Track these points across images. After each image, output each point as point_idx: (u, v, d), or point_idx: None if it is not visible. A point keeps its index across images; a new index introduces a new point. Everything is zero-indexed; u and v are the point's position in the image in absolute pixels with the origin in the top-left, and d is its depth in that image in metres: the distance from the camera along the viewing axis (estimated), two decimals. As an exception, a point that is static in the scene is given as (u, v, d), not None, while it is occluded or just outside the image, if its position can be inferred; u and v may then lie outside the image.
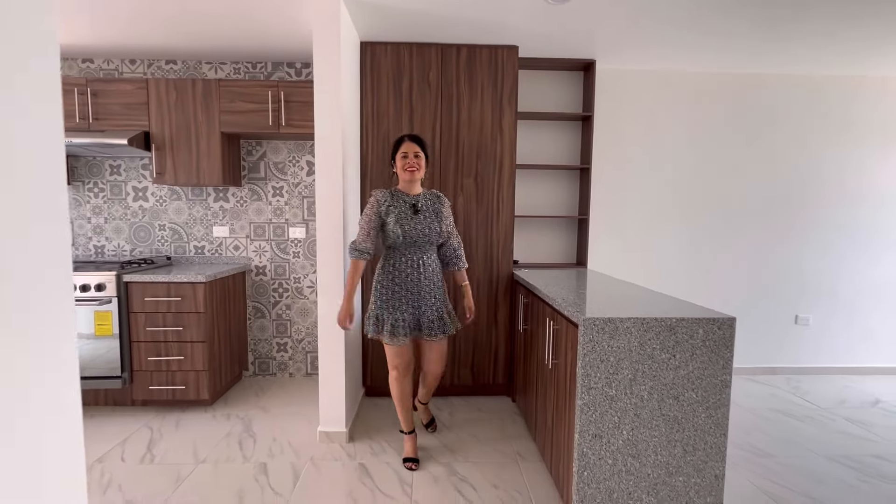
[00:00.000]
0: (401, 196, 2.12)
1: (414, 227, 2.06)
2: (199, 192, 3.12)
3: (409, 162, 2.08)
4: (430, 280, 2.13)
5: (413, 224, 2.06)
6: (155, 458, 2.20)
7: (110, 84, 2.72)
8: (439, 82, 2.75)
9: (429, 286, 2.12)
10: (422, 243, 2.09)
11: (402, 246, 2.09)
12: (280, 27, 2.51)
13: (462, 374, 2.92)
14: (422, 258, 2.10)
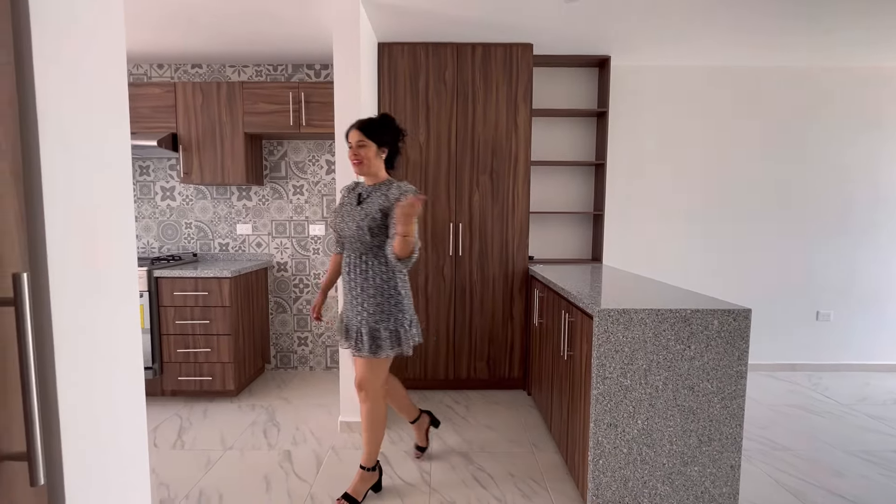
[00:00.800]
0: (357, 188, 1.88)
1: (342, 221, 1.80)
2: (223, 191, 3.23)
3: (351, 153, 1.78)
4: (359, 286, 1.78)
5: (342, 217, 1.81)
6: (185, 444, 2.31)
7: (140, 88, 2.84)
8: (455, 81, 2.80)
9: (358, 292, 1.79)
10: (351, 240, 1.77)
11: (342, 243, 1.86)
12: (301, 30, 2.60)
13: (478, 367, 2.97)
14: (350, 257, 1.80)
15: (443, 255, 2.90)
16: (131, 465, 0.65)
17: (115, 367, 0.62)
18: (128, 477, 0.65)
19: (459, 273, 2.91)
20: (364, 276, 1.77)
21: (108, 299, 0.60)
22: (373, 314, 1.77)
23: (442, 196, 2.86)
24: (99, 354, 0.58)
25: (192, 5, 2.29)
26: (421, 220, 2.86)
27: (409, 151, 2.82)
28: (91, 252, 0.56)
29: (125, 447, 0.64)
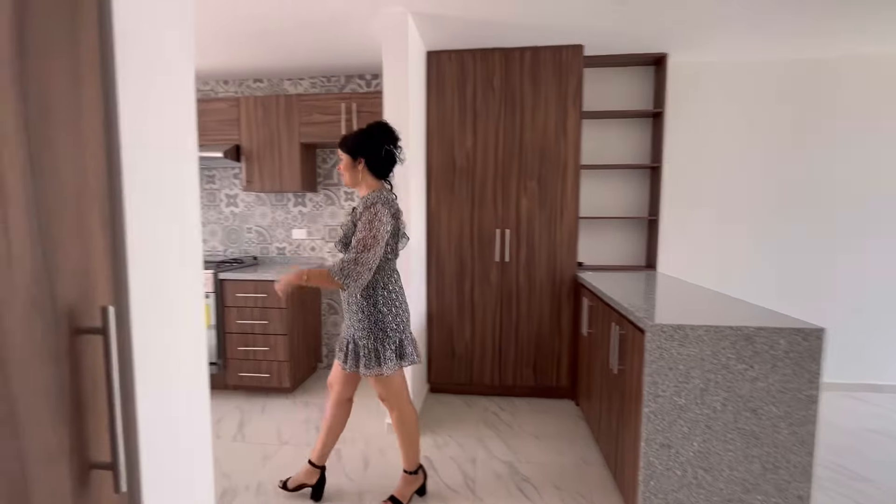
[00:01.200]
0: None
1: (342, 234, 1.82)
2: (280, 198, 3.41)
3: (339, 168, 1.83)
4: (345, 300, 1.81)
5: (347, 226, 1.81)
6: (245, 437, 2.47)
7: (209, 104, 3.06)
8: (503, 86, 2.78)
9: (346, 307, 1.82)
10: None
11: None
12: (352, 42, 2.69)
13: (524, 374, 2.93)
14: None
15: (489, 262, 2.89)
16: (199, 469, 0.71)
17: (185, 383, 0.67)
18: (195, 479, 0.71)
19: (506, 279, 2.89)
20: (348, 291, 1.71)
21: (177, 323, 0.65)
22: (357, 329, 1.76)
23: (489, 202, 2.85)
24: (170, 373, 0.64)
25: (255, 22, 2.43)
26: (467, 225, 2.87)
27: (457, 158, 2.84)
28: (164, 282, 0.62)
29: (194, 453, 0.70)
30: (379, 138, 1.78)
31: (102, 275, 0.53)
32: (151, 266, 0.59)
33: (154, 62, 0.59)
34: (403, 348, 1.80)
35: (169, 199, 0.63)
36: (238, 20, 2.37)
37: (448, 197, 2.88)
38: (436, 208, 2.89)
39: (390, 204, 1.73)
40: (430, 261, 2.93)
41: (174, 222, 0.64)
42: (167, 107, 0.62)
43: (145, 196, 0.58)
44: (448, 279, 2.93)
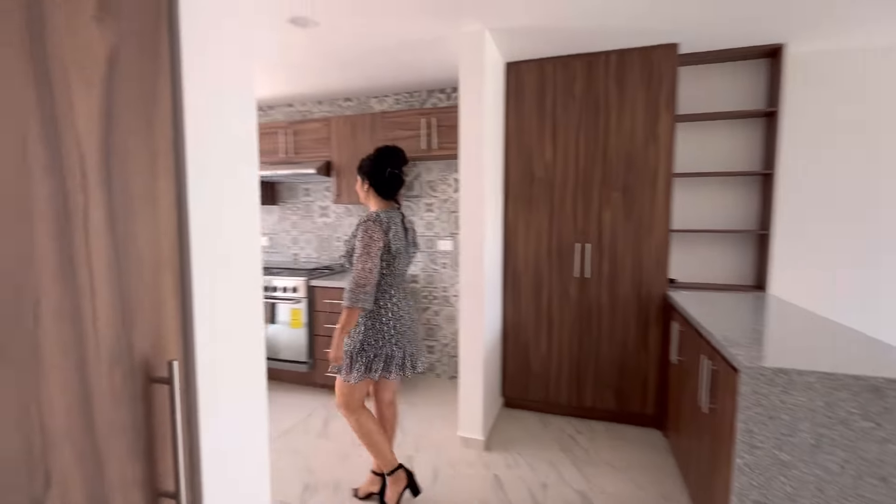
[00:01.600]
0: None
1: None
2: (366, 210, 3.62)
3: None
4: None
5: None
6: (329, 434, 2.66)
7: (304, 124, 3.35)
8: (585, 93, 2.65)
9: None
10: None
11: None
12: (433, 59, 2.75)
13: (605, 397, 2.77)
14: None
15: (568, 276, 2.77)
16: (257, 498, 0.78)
17: (245, 422, 0.74)
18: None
19: (586, 295, 2.75)
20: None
21: (239, 370, 0.72)
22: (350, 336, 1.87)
23: (568, 214, 2.74)
24: (232, 413, 0.71)
25: (347, 50, 2.61)
26: (545, 238, 2.79)
27: (535, 169, 2.77)
28: (228, 337, 0.69)
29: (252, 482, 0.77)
30: (382, 162, 1.89)
31: (173, 332, 0.60)
32: (216, 323, 0.66)
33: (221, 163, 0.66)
34: (374, 363, 1.85)
35: (234, 267, 0.69)
36: (333, 50, 2.55)
37: (526, 209, 2.82)
38: (513, 220, 2.85)
39: (381, 221, 1.81)
40: (507, 273, 2.89)
41: (238, 284, 0.70)
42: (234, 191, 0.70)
43: (211, 266, 0.65)
44: (525, 293, 2.87)
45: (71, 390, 0.48)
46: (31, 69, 0.43)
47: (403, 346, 1.91)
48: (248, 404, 0.74)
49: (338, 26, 2.27)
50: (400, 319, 1.90)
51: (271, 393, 3.25)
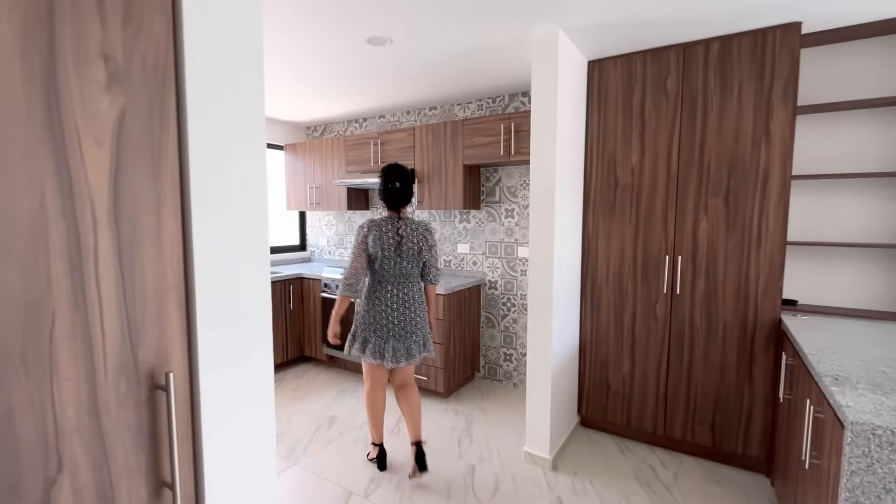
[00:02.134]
0: None
1: None
2: (448, 215, 3.69)
3: None
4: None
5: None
6: (400, 432, 2.78)
7: (391, 134, 3.54)
8: (679, 88, 2.37)
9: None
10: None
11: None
12: (511, 63, 2.71)
13: (698, 430, 2.45)
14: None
15: (655, 292, 2.51)
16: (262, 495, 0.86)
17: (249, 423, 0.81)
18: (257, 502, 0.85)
19: (676, 314, 2.46)
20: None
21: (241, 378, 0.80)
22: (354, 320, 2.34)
23: (657, 224, 2.48)
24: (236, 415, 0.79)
25: (418, 59, 2.70)
26: (629, 250, 2.56)
27: (619, 174, 2.56)
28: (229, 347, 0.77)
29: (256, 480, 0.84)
30: (383, 178, 2.25)
31: (177, 346, 0.70)
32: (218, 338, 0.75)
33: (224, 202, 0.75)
34: (365, 345, 2.24)
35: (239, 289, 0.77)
36: (410, 63, 2.66)
37: (608, 218, 2.62)
38: (593, 230, 2.67)
39: (363, 227, 2.21)
40: (585, 286, 2.72)
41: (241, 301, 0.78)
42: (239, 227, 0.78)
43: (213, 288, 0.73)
44: (605, 307, 2.67)
45: (81, 394, 0.59)
46: (47, 134, 0.54)
47: (384, 337, 2.21)
48: (253, 409, 0.82)
49: (410, 41, 2.35)
50: (381, 313, 2.21)
51: (357, 386, 3.50)
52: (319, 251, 4.64)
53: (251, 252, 0.80)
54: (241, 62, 0.76)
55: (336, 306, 2.24)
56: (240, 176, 0.77)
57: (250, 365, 0.81)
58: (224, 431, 0.77)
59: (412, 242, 2.21)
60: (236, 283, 0.77)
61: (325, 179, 4.01)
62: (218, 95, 0.73)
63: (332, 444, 2.63)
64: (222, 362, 0.76)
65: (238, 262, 0.77)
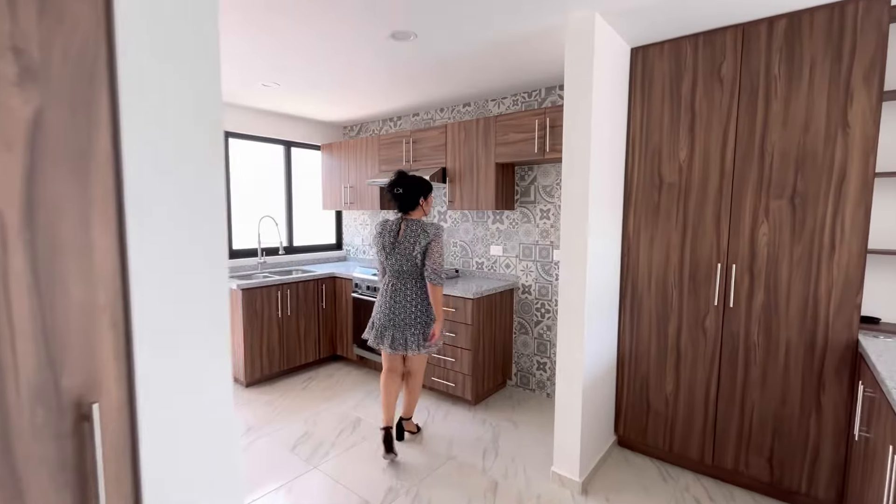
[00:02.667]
0: None
1: None
2: (481, 215, 3.56)
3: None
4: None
5: None
6: (423, 440, 2.69)
7: (423, 133, 3.45)
8: (736, 75, 2.09)
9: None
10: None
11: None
12: (544, 53, 2.53)
13: (753, 462, 2.17)
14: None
15: (705, 304, 2.25)
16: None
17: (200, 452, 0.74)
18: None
19: (729, 330, 2.19)
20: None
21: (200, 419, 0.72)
22: None
23: (708, 228, 2.21)
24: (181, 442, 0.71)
25: (446, 53, 2.58)
26: (675, 256, 2.31)
27: (665, 172, 2.31)
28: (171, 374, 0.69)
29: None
30: (389, 183, 2.47)
31: (112, 371, 0.63)
32: (163, 359, 0.67)
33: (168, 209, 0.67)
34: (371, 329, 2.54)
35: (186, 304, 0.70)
36: (438, 58, 2.55)
37: (651, 220, 2.38)
38: (634, 233, 2.44)
39: (380, 225, 2.52)
40: (624, 294, 2.49)
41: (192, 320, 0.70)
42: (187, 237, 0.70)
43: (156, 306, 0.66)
44: (646, 318, 2.43)
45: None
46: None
47: (385, 325, 2.45)
48: (208, 444, 0.74)
49: (435, 34, 2.24)
50: (380, 303, 2.49)
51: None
52: (354, 250, 4.65)
53: (204, 263, 0.72)
54: (189, 50, 0.68)
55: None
56: (191, 178, 0.70)
57: (205, 393, 0.73)
58: (171, 469, 0.70)
59: (408, 242, 2.41)
60: (186, 300, 0.70)
61: (358, 179, 4.00)
62: (160, 88, 0.66)
63: (353, 449, 2.58)
64: (169, 390, 0.69)
65: (187, 275, 0.70)
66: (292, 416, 2.99)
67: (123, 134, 0.62)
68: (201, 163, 0.71)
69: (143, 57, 0.63)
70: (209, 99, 0.71)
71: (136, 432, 0.66)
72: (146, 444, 0.67)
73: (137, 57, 0.63)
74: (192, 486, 0.72)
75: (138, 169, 0.64)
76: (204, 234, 0.72)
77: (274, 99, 3.48)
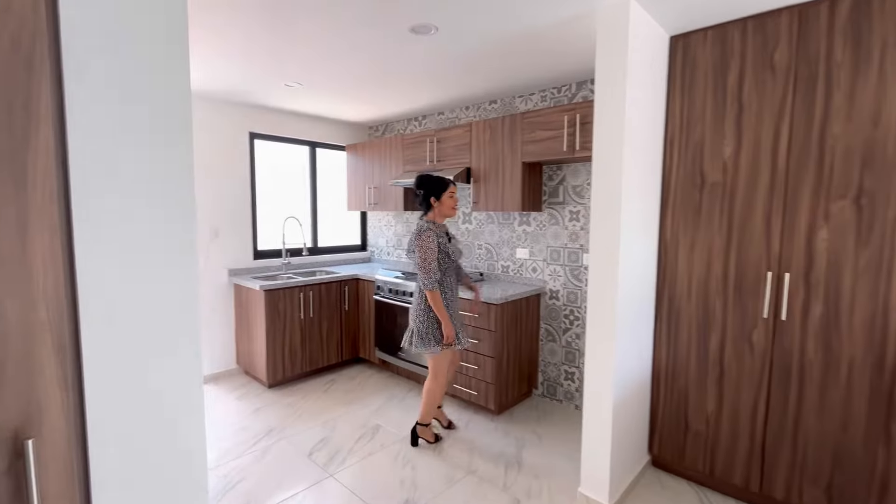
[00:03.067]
0: (441, 228, 2.50)
1: (455, 250, 2.50)
2: (507, 217, 3.42)
3: (455, 200, 2.50)
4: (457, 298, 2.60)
5: (453, 247, 2.49)
6: (442, 451, 2.59)
7: (448, 132, 3.35)
8: (791, 62, 1.87)
9: (458, 303, 2.60)
10: (455, 266, 2.55)
11: (449, 268, 2.49)
12: (575, 44, 2.37)
13: (809, 493, 1.94)
14: (454, 278, 2.55)
15: (752, 316, 2.04)
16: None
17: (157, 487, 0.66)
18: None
19: (781, 345, 1.97)
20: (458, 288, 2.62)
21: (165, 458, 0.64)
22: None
23: (757, 232, 2.00)
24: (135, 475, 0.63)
25: (469, 47, 2.46)
26: (718, 262, 2.11)
27: (707, 170, 2.11)
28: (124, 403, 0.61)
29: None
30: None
31: (56, 402, 0.56)
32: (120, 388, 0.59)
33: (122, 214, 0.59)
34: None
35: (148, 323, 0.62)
36: (461, 52, 2.44)
37: (691, 222, 2.18)
38: (672, 237, 2.24)
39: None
40: (661, 303, 2.30)
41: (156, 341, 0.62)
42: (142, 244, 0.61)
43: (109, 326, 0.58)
44: (685, 330, 2.24)
45: None
46: None
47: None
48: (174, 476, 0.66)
49: (456, 27, 2.13)
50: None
51: (406, 393, 3.37)
52: (379, 251, 4.60)
53: (170, 271, 0.64)
54: (148, 34, 0.60)
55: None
56: (153, 179, 0.62)
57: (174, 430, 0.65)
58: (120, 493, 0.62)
59: (410, 244, 2.51)
60: (149, 313, 0.62)
61: (382, 179, 3.94)
62: (115, 79, 0.58)
63: (371, 458, 2.51)
64: (127, 421, 0.61)
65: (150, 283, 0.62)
66: (312, 420, 2.95)
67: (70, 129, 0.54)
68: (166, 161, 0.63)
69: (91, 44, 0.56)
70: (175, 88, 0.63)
71: (88, 470, 0.58)
72: (100, 484, 0.59)
73: (84, 44, 0.55)
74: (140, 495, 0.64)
75: (88, 169, 0.56)
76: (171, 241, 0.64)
77: (298, 99, 3.46)
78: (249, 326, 3.51)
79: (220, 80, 3.00)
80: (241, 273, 3.72)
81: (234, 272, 3.68)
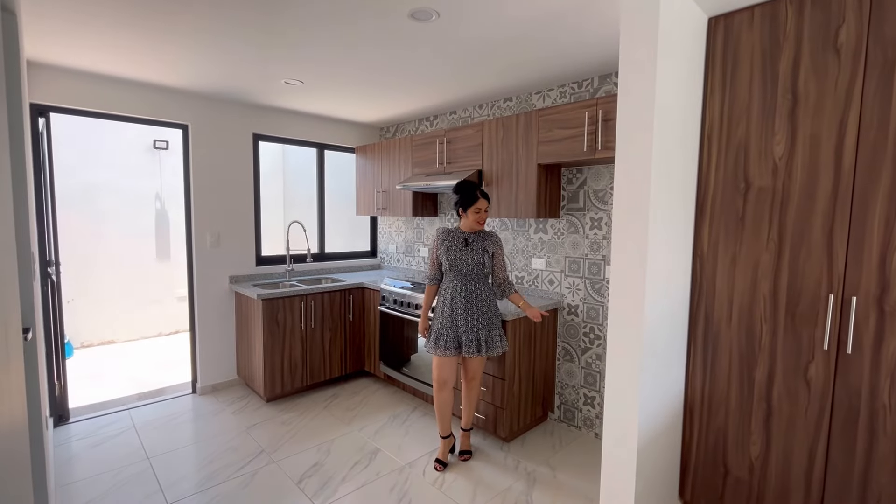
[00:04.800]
0: (458, 233, 2.42)
1: (459, 258, 2.35)
2: (522, 224, 3.15)
3: (481, 217, 2.37)
4: (474, 305, 2.35)
5: (459, 255, 2.36)
6: (444, 484, 2.33)
7: (458, 132, 3.11)
8: (860, 43, 1.55)
9: (472, 311, 2.35)
10: (468, 273, 2.36)
11: (450, 273, 2.39)
12: (595, 31, 2.10)
13: (876, 563, 1.59)
14: (466, 285, 2.36)
15: (809, 346, 1.71)
16: None
17: None
18: None
19: (845, 382, 1.64)
20: (477, 296, 2.38)
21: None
22: (485, 325, 2.37)
23: (816, 247, 1.67)
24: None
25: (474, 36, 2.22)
26: (767, 281, 1.79)
27: (753, 173, 1.80)
28: None
29: None
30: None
31: None
32: None
33: None
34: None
35: None
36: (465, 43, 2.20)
37: (733, 234, 1.87)
38: (710, 250, 1.93)
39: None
40: (695, 326, 1.99)
41: None
42: None
43: None
44: (724, 357, 1.92)
45: None
46: None
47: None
48: None
49: (458, 12, 1.89)
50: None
51: (410, 414, 3.13)
52: (389, 258, 4.39)
53: None
54: None
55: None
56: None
57: None
58: None
59: None
60: None
61: (391, 183, 3.73)
62: None
63: (365, 489, 2.27)
64: None
65: None
66: (307, 441, 2.74)
67: None
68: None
69: None
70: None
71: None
72: None
73: None
74: None
75: None
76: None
77: (301, 98, 3.29)
78: (248, 337, 3.34)
79: (215, 77, 2.85)
80: (243, 280, 3.57)
81: (235, 279, 3.53)
